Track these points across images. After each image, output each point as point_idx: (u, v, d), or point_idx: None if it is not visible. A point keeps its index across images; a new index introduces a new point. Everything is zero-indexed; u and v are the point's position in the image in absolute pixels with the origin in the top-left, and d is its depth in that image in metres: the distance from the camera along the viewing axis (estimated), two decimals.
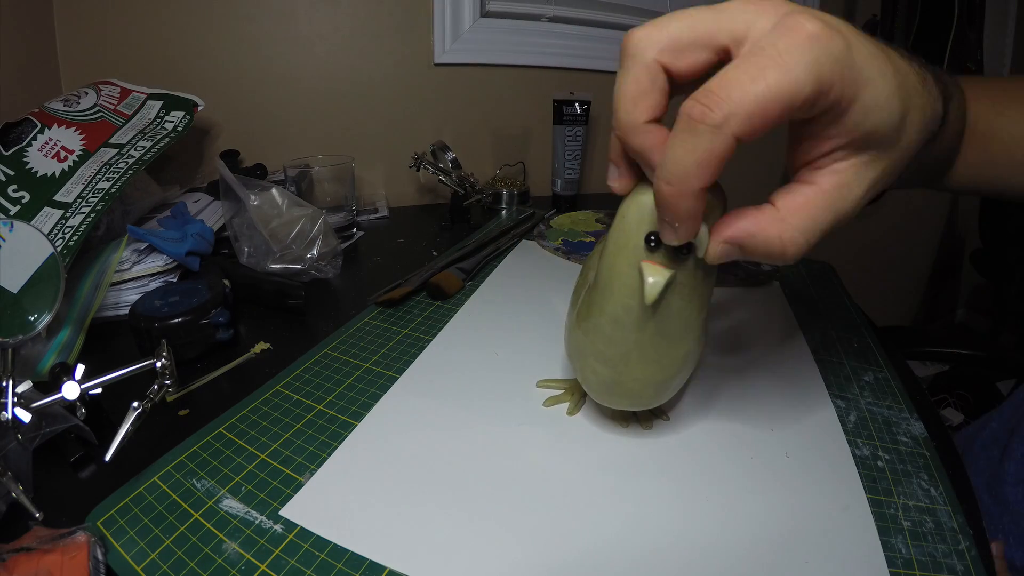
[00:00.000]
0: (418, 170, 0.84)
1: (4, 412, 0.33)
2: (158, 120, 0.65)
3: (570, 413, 0.40)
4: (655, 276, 0.26)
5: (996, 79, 0.44)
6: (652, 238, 0.26)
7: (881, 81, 0.23)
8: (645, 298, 0.26)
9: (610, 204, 0.88)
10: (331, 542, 0.30)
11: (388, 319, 0.53)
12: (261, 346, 0.49)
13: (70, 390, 0.34)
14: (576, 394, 0.41)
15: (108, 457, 0.33)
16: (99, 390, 0.36)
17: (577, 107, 0.87)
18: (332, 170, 0.75)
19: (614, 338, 0.31)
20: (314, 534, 0.30)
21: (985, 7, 1.29)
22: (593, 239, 0.75)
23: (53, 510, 0.31)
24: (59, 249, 0.47)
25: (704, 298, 0.30)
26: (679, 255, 0.26)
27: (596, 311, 0.31)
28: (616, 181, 0.28)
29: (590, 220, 0.82)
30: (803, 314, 0.55)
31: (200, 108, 0.69)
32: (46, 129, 0.57)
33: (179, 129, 0.65)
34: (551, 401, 0.41)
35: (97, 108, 0.63)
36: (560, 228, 0.78)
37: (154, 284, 0.55)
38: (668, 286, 0.26)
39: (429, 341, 0.50)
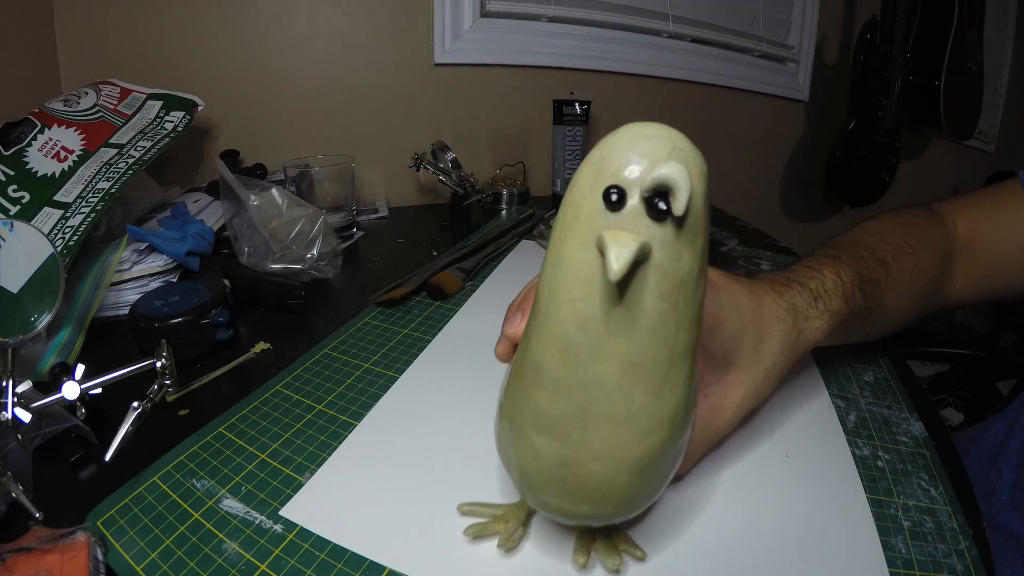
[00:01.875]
0: (418, 170, 0.84)
1: (4, 412, 0.33)
2: (158, 120, 0.65)
3: (502, 547, 0.28)
4: (620, 244, 0.17)
5: (980, 193, 0.47)
6: (613, 191, 0.18)
7: (735, 317, 0.29)
8: (609, 274, 0.17)
9: None
10: (331, 542, 0.30)
11: (388, 319, 0.53)
12: (261, 346, 0.49)
13: (70, 390, 0.34)
14: (512, 521, 0.29)
15: (108, 457, 0.33)
16: (99, 390, 0.36)
17: (577, 107, 0.87)
18: (332, 170, 0.75)
19: (563, 380, 0.20)
20: (314, 534, 0.30)
21: (985, 7, 1.29)
22: None
23: (53, 510, 0.31)
24: (59, 249, 0.47)
25: (696, 302, 0.20)
26: (655, 214, 0.18)
27: (534, 346, 0.21)
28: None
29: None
30: None
31: (200, 108, 0.69)
32: (46, 129, 0.57)
33: (179, 129, 0.65)
34: (475, 530, 0.29)
35: (97, 108, 0.63)
36: None
37: (154, 284, 0.55)
38: (641, 262, 0.18)
39: (429, 341, 0.50)
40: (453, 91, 0.95)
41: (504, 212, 0.89)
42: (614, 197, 0.18)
